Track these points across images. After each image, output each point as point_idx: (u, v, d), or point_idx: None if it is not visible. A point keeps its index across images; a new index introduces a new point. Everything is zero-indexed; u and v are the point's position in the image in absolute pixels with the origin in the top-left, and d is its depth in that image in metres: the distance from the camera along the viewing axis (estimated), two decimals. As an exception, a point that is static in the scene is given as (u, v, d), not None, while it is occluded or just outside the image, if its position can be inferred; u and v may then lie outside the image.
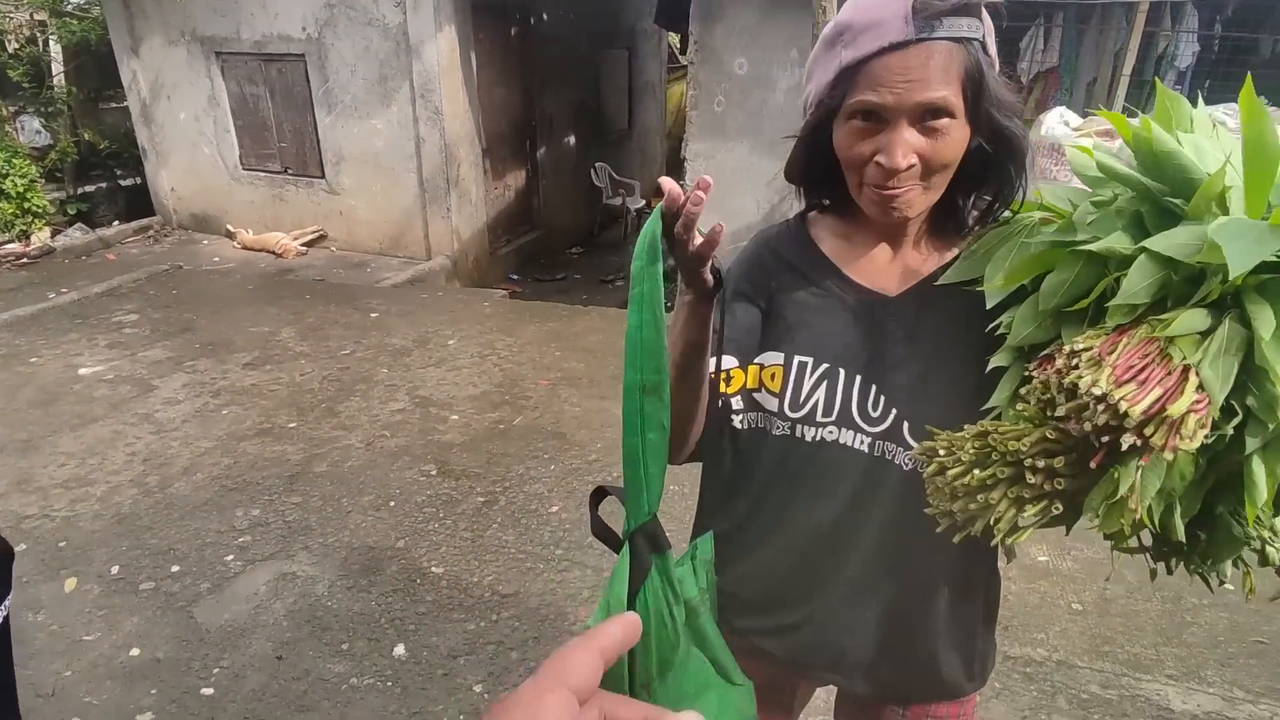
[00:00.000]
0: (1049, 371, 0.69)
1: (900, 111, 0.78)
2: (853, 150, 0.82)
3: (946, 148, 0.79)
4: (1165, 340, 0.64)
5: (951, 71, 0.77)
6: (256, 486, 3.17)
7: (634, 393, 0.78)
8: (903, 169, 0.78)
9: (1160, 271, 0.66)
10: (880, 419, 0.89)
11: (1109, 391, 0.62)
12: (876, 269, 0.92)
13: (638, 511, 0.81)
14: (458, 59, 6.33)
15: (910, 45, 0.76)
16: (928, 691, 1.03)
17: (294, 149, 7.12)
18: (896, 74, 0.76)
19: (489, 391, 4.05)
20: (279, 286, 5.96)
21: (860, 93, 0.79)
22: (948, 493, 0.75)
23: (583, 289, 7.16)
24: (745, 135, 5.43)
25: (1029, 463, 0.69)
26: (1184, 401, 0.61)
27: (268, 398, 3.97)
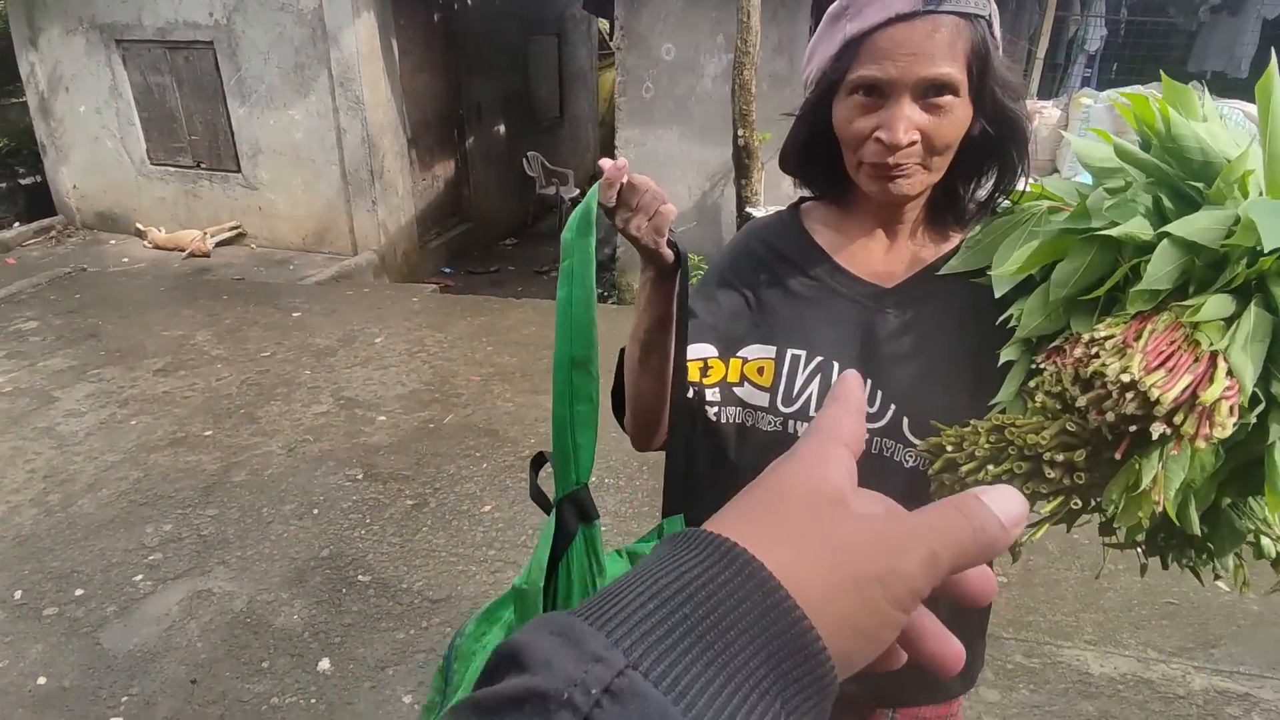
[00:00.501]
0: (1065, 361, 0.67)
1: (903, 86, 0.75)
2: (853, 126, 0.79)
3: (949, 126, 0.77)
4: (1191, 327, 0.62)
5: (957, 47, 0.75)
6: (169, 500, 3.00)
7: (564, 366, 0.81)
8: (903, 144, 0.76)
9: (1183, 257, 0.65)
10: (879, 415, 0.85)
11: (1140, 379, 0.60)
12: (872, 259, 0.89)
13: (566, 480, 0.83)
14: (378, 46, 6.11)
15: (916, 17, 0.74)
16: (919, 694, 1.01)
17: (206, 142, 6.77)
18: (901, 46, 0.74)
19: (418, 390, 3.93)
20: (194, 287, 5.67)
21: (863, 66, 0.76)
22: (957, 490, 0.71)
23: (517, 281, 7.04)
24: (675, 122, 5.40)
25: (1048, 457, 0.67)
26: (1216, 388, 0.59)
27: (181, 405, 3.76)
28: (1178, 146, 0.69)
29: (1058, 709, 2.07)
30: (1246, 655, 2.25)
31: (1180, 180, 0.69)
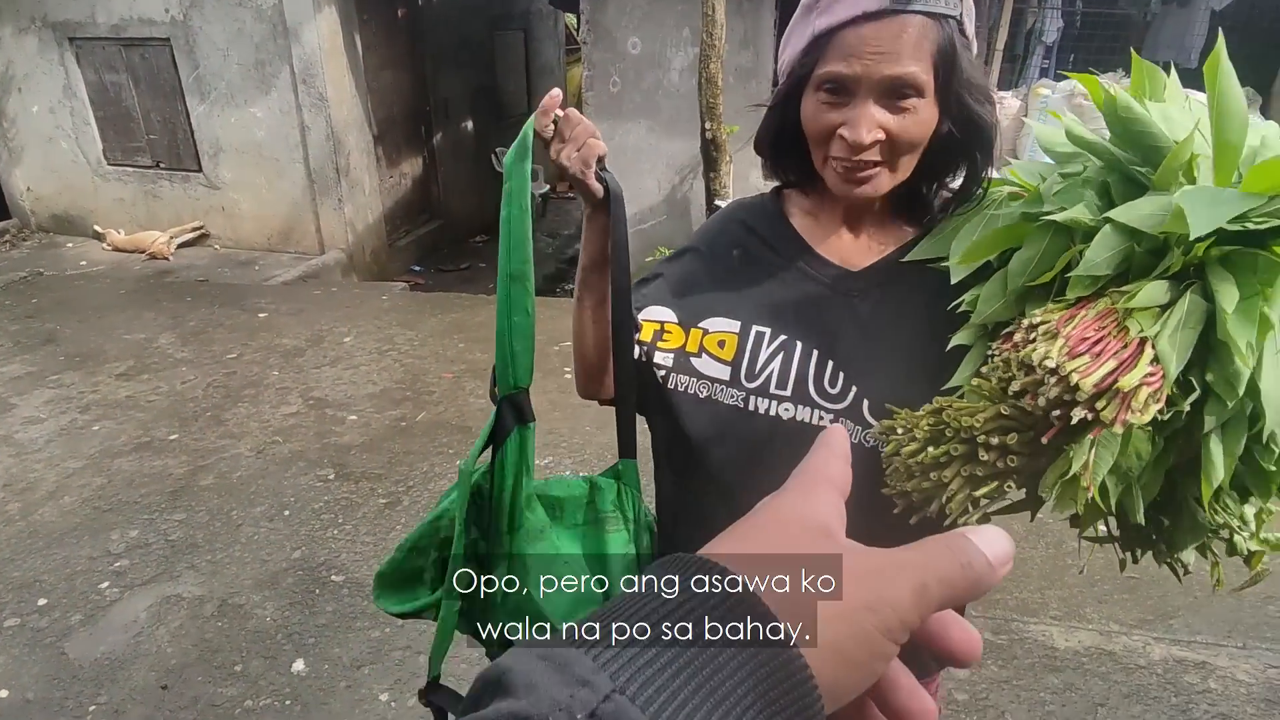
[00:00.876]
0: (1007, 347, 0.67)
1: (868, 84, 0.76)
2: (818, 121, 0.80)
3: (913, 126, 0.77)
4: (1124, 312, 0.62)
5: (924, 48, 0.75)
6: (134, 506, 2.94)
7: (504, 280, 0.90)
8: (866, 143, 0.76)
9: (1124, 243, 0.65)
10: (840, 396, 0.86)
11: (1061, 364, 0.60)
12: (842, 246, 0.91)
13: (505, 384, 0.93)
14: (341, 42, 6.02)
15: (885, 16, 0.74)
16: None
17: (165, 141, 6.62)
18: (868, 45, 0.74)
19: (389, 389, 3.90)
20: (156, 289, 5.56)
21: (830, 62, 0.77)
22: (904, 471, 0.73)
23: (488, 277, 6.99)
24: (642, 115, 5.40)
25: (982, 439, 0.67)
26: (1136, 374, 0.59)
27: (145, 410, 3.69)
28: (1127, 130, 0.69)
29: (1025, 683, 2.13)
30: (1202, 625, 2.33)
31: (1129, 165, 0.69)
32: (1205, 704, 2.06)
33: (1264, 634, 2.30)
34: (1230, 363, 0.60)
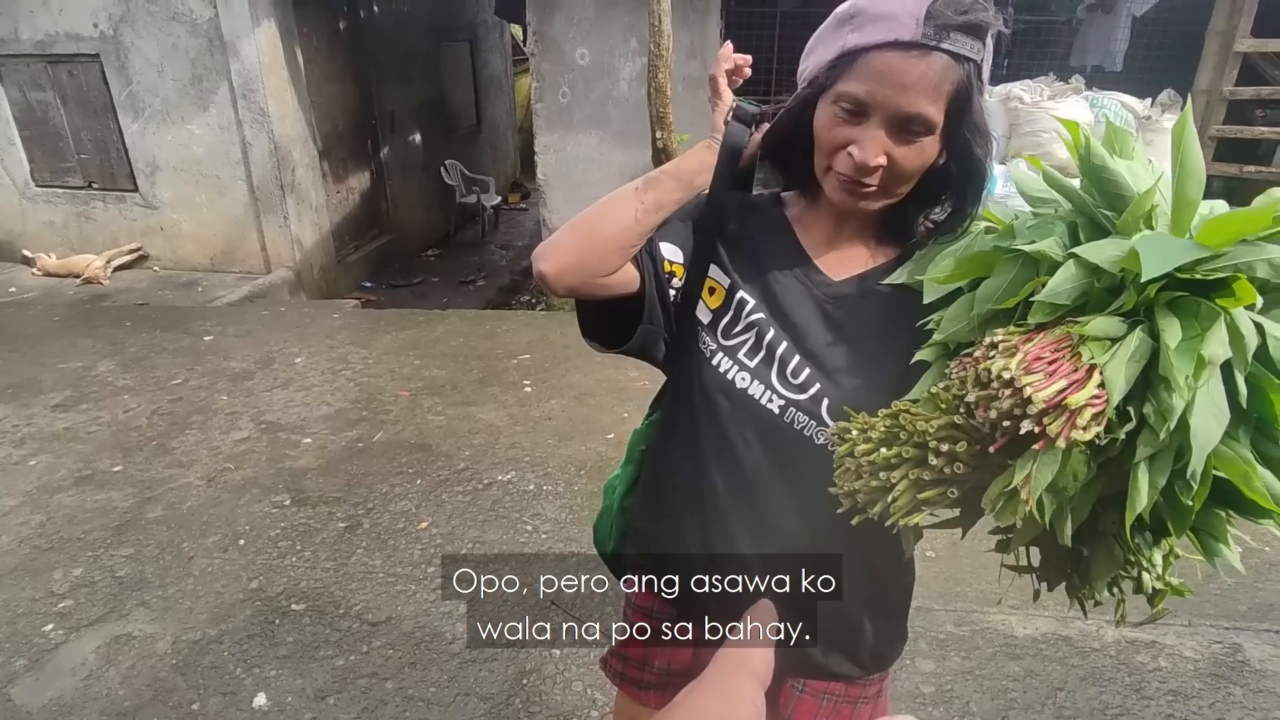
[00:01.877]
0: (968, 363, 0.70)
1: (884, 112, 0.78)
2: (830, 133, 0.82)
3: (915, 158, 0.80)
4: (1078, 339, 0.66)
5: (943, 88, 0.77)
6: (77, 543, 2.82)
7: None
8: (871, 166, 0.79)
9: (1085, 278, 0.69)
10: (800, 388, 0.89)
11: (1016, 376, 0.64)
12: (826, 253, 0.94)
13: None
14: (281, 56, 5.90)
15: (915, 49, 0.75)
16: (828, 669, 1.04)
17: (97, 160, 6.39)
18: (893, 74, 0.76)
19: (344, 409, 3.82)
20: (93, 315, 5.34)
21: (853, 80, 0.78)
22: (853, 472, 0.76)
23: (442, 291, 6.92)
24: (593, 126, 5.42)
25: (933, 445, 0.71)
26: (1084, 394, 0.63)
27: (85, 441, 3.54)
28: (1098, 178, 0.75)
29: (987, 672, 2.18)
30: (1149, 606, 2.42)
31: (1095, 209, 0.75)
32: (1156, 681, 2.15)
33: (1207, 611, 2.41)
34: (1167, 396, 0.64)
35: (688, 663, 1.12)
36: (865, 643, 1.03)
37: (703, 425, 0.97)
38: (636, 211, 0.91)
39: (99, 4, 5.76)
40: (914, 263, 0.89)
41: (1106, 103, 4.39)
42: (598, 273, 0.91)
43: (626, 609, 1.19)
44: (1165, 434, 0.64)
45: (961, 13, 0.75)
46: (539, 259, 0.91)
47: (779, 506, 0.94)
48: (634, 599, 1.16)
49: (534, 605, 2.42)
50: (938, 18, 0.74)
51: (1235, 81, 4.63)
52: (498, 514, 2.93)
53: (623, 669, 1.17)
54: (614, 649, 1.19)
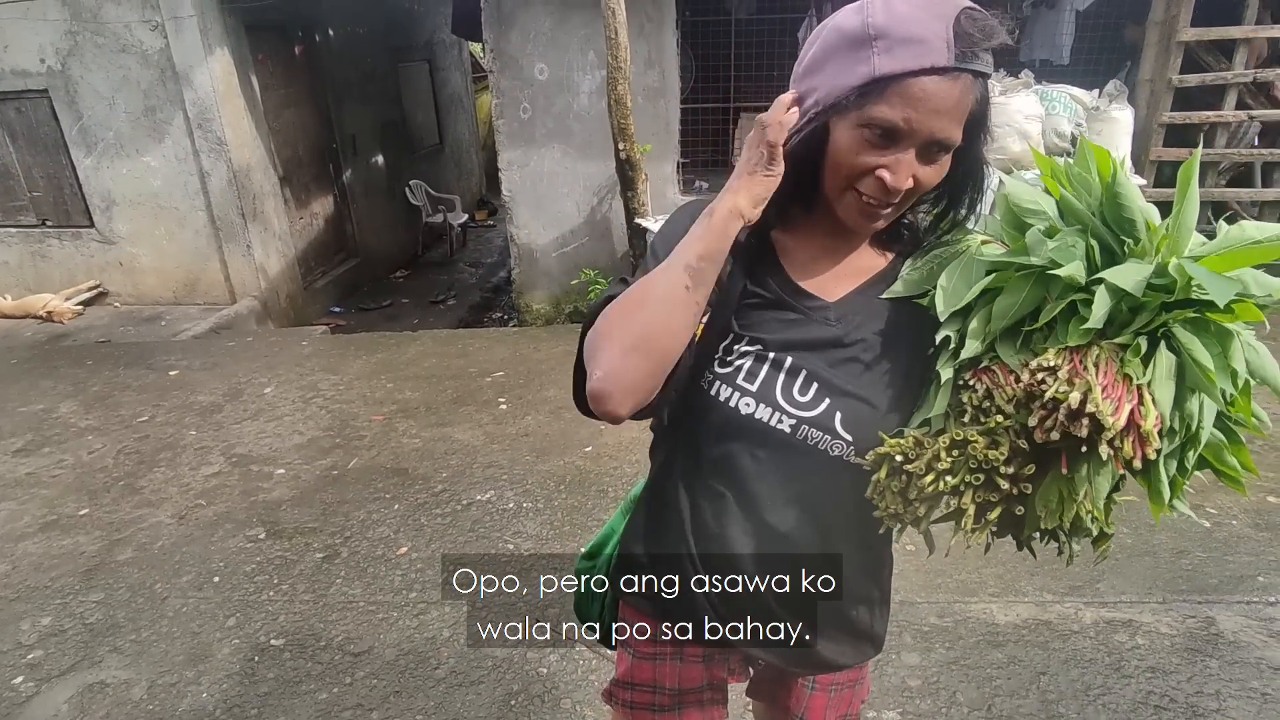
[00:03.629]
0: (1006, 383, 0.76)
1: (920, 138, 0.77)
2: (856, 158, 0.79)
3: (936, 177, 0.82)
4: (1120, 361, 0.73)
5: (965, 107, 0.77)
6: (45, 591, 2.74)
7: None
8: (902, 190, 0.80)
9: (1114, 300, 0.73)
10: (809, 405, 0.89)
11: (1100, 408, 0.70)
12: (818, 275, 0.93)
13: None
14: (236, 83, 5.83)
15: (949, 73, 0.74)
16: (834, 661, 1.07)
17: (50, 197, 6.25)
18: (929, 100, 0.75)
19: (317, 437, 3.76)
20: (52, 355, 5.22)
21: (885, 107, 0.76)
22: (899, 495, 0.81)
23: (412, 313, 6.86)
24: (555, 140, 5.42)
25: (1003, 470, 0.76)
26: (1151, 417, 0.71)
27: (49, 486, 3.45)
28: (1115, 204, 0.78)
29: (971, 661, 2.20)
30: (1126, 586, 2.47)
31: (1109, 234, 0.79)
32: (1135, 659, 2.18)
33: (1179, 587, 2.46)
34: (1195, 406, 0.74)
35: (697, 679, 1.10)
36: (865, 630, 1.07)
37: (705, 451, 0.96)
38: (694, 313, 0.84)
39: (46, 39, 5.65)
40: (912, 272, 0.91)
41: (1056, 96, 4.50)
42: (662, 381, 0.84)
43: (624, 636, 1.14)
44: (1186, 436, 0.74)
45: (986, 33, 0.75)
46: (605, 399, 0.80)
47: (785, 514, 0.94)
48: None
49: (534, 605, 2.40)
50: (965, 40, 0.74)
51: (1180, 70, 4.77)
52: (478, 534, 2.91)
53: (632, 697, 1.12)
54: (618, 680, 1.15)
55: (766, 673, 1.18)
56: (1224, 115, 4.84)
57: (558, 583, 1.12)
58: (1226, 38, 4.70)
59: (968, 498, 0.78)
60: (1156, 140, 4.91)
